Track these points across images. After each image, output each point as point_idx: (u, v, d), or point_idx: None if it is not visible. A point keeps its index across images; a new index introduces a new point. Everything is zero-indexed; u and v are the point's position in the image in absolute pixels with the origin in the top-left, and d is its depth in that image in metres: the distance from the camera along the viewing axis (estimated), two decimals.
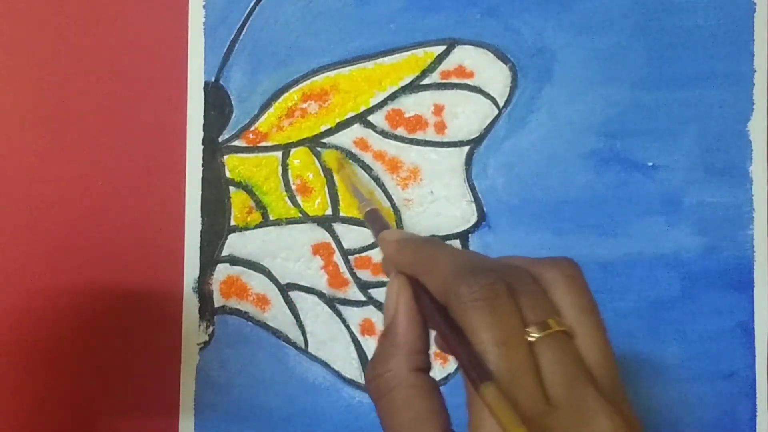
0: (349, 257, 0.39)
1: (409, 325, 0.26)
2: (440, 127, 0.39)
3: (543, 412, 0.21)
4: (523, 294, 0.23)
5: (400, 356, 0.25)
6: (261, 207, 0.39)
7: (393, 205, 0.39)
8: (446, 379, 0.38)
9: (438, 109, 0.39)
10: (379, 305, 0.39)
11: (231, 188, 0.39)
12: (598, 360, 0.23)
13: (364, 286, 0.39)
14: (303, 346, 0.39)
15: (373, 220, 0.33)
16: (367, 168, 0.39)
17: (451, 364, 0.38)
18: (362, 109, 0.39)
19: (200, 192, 0.39)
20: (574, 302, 0.24)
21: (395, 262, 0.27)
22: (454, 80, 0.39)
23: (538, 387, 0.22)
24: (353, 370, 0.39)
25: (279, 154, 0.39)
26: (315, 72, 0.39)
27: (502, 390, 0.21)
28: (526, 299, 0.23)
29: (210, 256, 0.39)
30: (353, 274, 0.39)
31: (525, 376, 0.22)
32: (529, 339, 0.22)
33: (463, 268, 0.24)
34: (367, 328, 0.39)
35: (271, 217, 0.39)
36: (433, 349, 0.26)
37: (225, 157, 0.39)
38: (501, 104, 0.39)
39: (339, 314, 0.39)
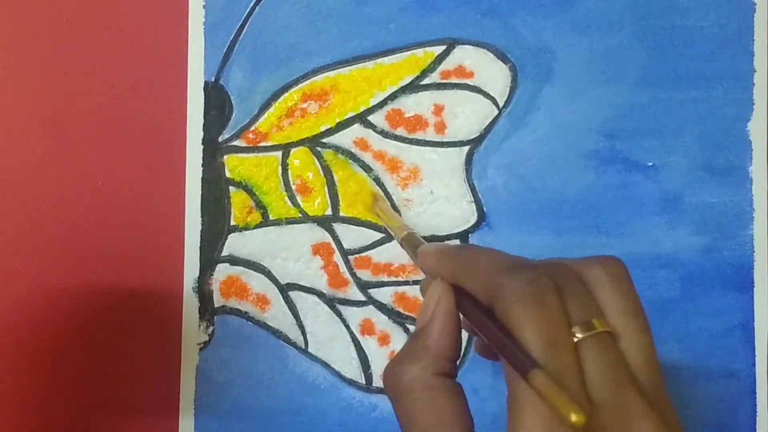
0: (349, 257, 0.39)
1: (443, 331, 0.25)
2: (440, 127, 0.39)
3: (587, 411, 0.21)
4: (568, 292, 0.23)
5: (427, 359, 0.25)
6: (261, 207, 0.39)
7: (393, 205, 0.39)
8: None
9: (438, 109, 0.39)
10: (378, 305, 0.39)
11: (231, 188, 0.39)
12: (642, 363, 0.23)
13: (364, 286, 0.39)
14: (303, 346, 0.39)
15: (410, 242, 0.33)
16: (367, 168, 0.39)
17: None
18: (362, 109, 0.39)
19: (200, 192, 0.39)
20: (619, 303, 0.23)
21: (436, 271, 0.27)
22: (454, 80, 0.39)
23: (581, 388, 0.21)
24: (353, 370, 0.39)
25: (279, 154, 0.39)
26: (315, 72, 0.39)
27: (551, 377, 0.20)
28: (571, 298, 0.23)
29: (210, 256, 0.39)
30: (353, 274, 0.39)
31: (569, 377, 0.21)
32: (573, 339, 0.22)
33: (507, 264, 0.23)
34: (367, 328, 0.39)
35: (271, 217, 0.39)
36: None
37: (225, 157, 0.39)
38: (501, 104, 0.39)
39: (339, 314, 0.39)
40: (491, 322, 0.23)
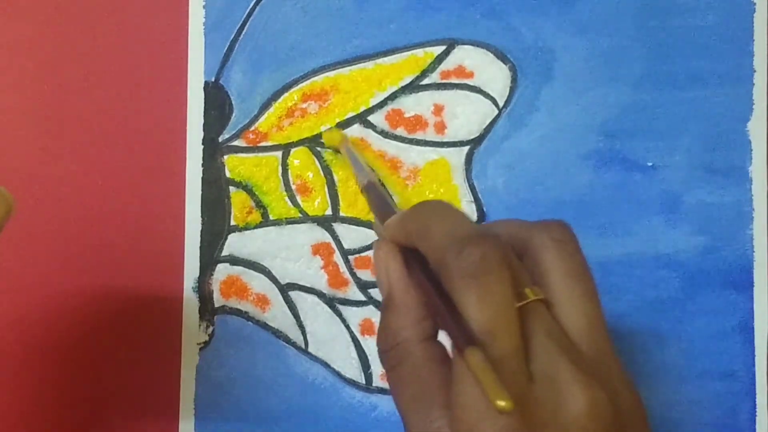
0: (349, 257, 0.39)
1: (407, 293, 0.25)
2: (440, 127, 0.39)
3: (525, 388, 0.21)
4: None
5: (407, 327, 0.24)
6: (261, 207, 0.39)
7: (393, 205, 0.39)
8: None
9: (438, 109, 0.39)
10: (378, 305, 0.39)
11: (231, 188, 0.39)
12: (583, 327, 0.22)
13: (364, 286, 0.39)
14: (303, 346, 0.39)
15: (371, 193, 0.32)
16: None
17: None
18: (362, 109, 0.39)
19: (200, 192, 0.39)
20: (561, 267, 0.23)
21: (395, 235, 0.26)
22: (454, 80, 0.39)
23: (522, 364, 0.21)
24: (353, 370, 0.39)
25: (279, 154, 0.39)
26: (315, 72, 0.39)
27: (487, 355, 0.20)
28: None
29: (210, 256, 0.39)
30: (353, 274, 0.39)
31: (509, 355, 0.21)
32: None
33: (456, 237, 0.23)
34: (367, 328, 0.39)
35: (271, 217, 0.39)
36: None
37: (225, 157, 0.39)
38: (501, 104, 0.39)
39: (339, 314, 0.39)
40: (437, 291, 0.23)
